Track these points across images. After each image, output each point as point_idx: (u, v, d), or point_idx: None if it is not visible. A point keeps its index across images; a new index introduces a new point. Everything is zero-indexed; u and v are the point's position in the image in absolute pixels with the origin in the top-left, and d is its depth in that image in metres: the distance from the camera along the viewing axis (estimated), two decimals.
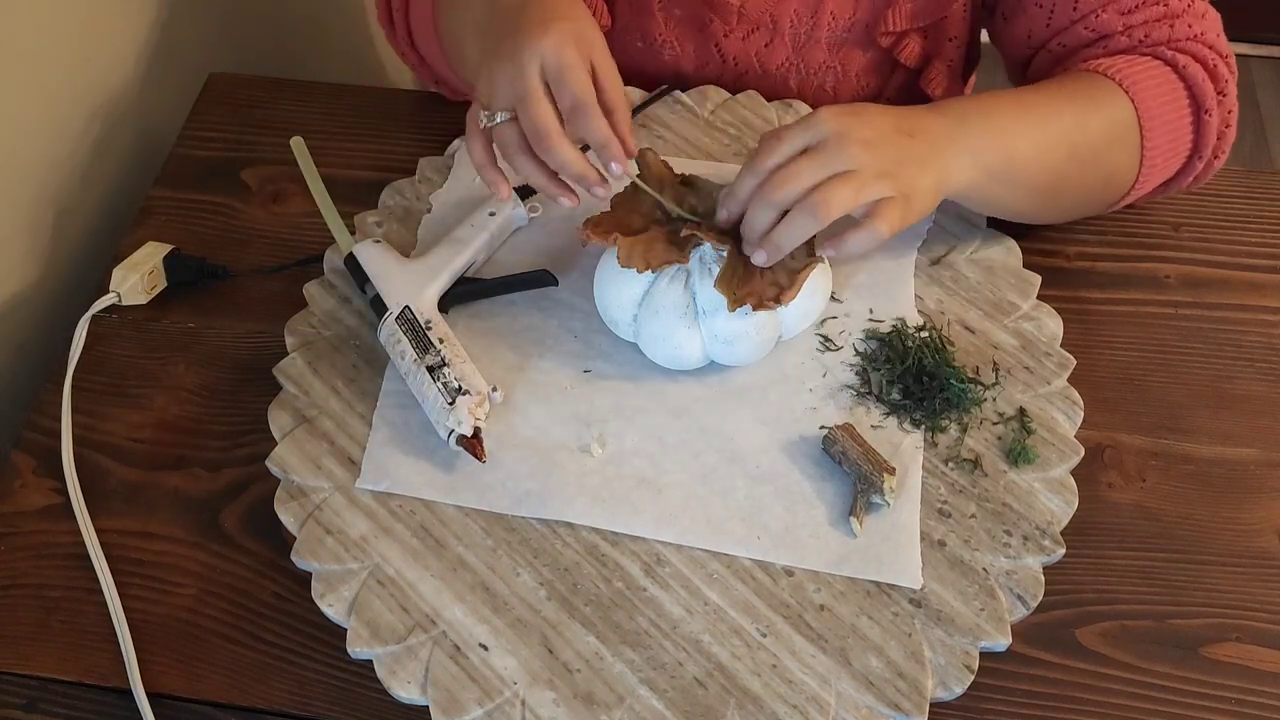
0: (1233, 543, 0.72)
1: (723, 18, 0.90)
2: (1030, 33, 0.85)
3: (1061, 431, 0.74)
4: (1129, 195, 0.81)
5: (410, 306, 0.76)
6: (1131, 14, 0.80)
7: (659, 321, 0.74)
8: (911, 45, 0.88)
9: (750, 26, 0.90)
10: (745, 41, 0.91)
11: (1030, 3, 0.83)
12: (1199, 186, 0.84)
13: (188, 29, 1.09)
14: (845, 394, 0.76)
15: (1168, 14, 0.80)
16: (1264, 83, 2.07)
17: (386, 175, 0.90)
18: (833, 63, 0.91)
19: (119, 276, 0.83)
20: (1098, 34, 0.81)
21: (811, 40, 0.90)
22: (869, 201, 0.69)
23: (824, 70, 0.91)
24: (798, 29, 0.89)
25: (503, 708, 0.65)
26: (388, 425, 0.75)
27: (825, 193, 0.68)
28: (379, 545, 0.70)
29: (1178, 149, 0.80)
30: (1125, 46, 0.80)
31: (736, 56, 0.92)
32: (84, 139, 0.96)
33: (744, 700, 0.65)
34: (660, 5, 0.91)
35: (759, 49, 0.91)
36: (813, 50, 0.90)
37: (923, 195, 0.71)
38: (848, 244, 0.70)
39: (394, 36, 0.91)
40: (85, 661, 0.70)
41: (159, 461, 0.77)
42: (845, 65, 0.91)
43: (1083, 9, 0.81)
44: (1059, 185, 0.78)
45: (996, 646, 0.67)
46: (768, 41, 0.91)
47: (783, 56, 0.91)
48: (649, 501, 0.71)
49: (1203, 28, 0.80)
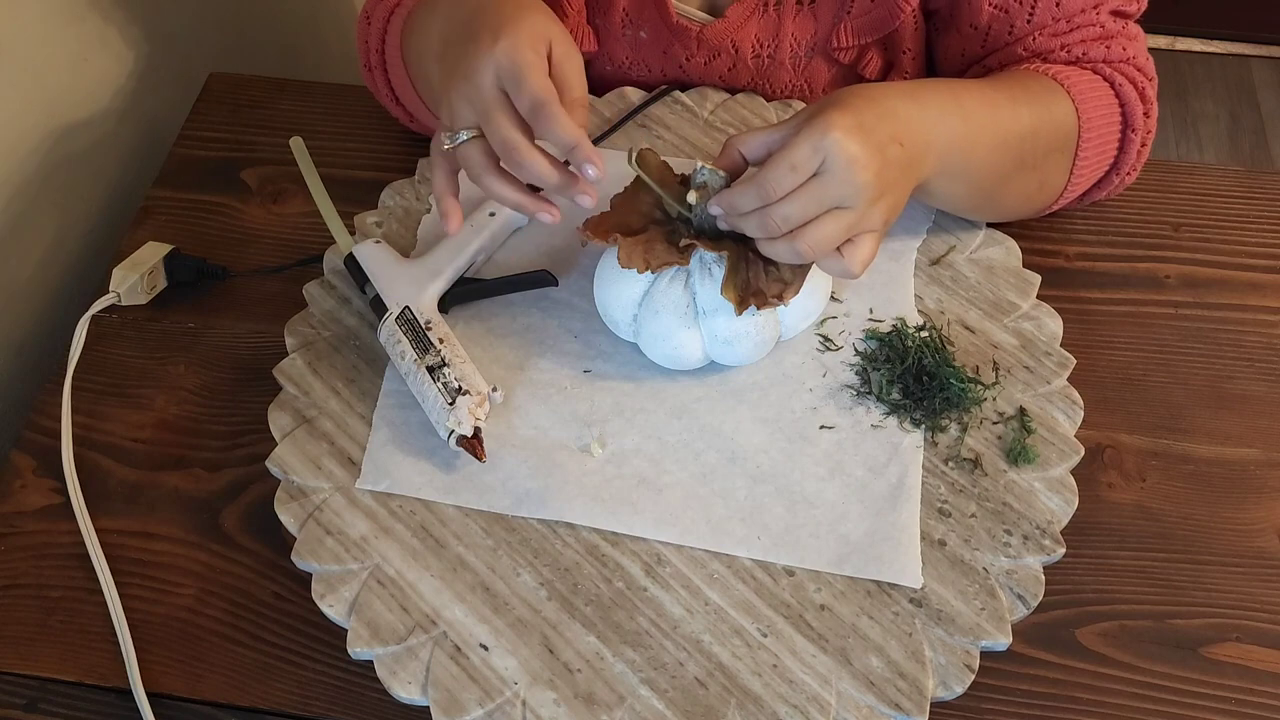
0: (1233, 543, 0.72)
1: (683, 44, 0.89)
2: (964, 51, 0.85)
3: (1061, 431, 0.74)
4: (1055, 203, 0.83)
5: (410, 307, 0.76)
6: (1069, 35, 0.81)
7: (659, 321, 0.74)
8: (872, 59, 0.88)
9: (711, 52, 0.89)
10: (708, 67, 0.90)
11: (964, 24, 0.83)
12: (1102, 200, 0.85)
13: (188, 29, 1.09)
14: (845, 394, 0.76)
15: (1103, 35, 0.81)
16: (1264, 83, 2.07)
17: (386, 175, 0.90)
18: (798, 81, 0.91)
19: (119, 276, 0.83)
20: (1034, 53, 0.82)
21: (775, 63, 0.89)
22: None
23: (790, 90, 0.91)
24: (760, 53, 0.89)
25: (503, 708, 0.65)
26: (388, 425, 0.75)
27: (817, 234, 0.67)
28: (379, 545, 0.70)
29: (1102, 162, 0.81)
30: (1064, 61, 0.81)
31: (701, 80, 0.92)
32: (84, 139, 0.96)
33: (745, 700, 0.65)
34: (625, 31, 0.91)
35: (723, 73, 0.91)
36: (777, 72, 0.90)
37: (901, 205, 0.71)
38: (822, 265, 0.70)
39: (379, 94, 0.89)
40: (85, 661, 0.70)
41: (159, 461, 0.77)
42: (811, 83, 0.91)
43: (1019, 32, 0.82)
44: (1001, 187, 0.79)
45: (997, 646, 0.67)
46: (730, 66, 0.90)
47: (746, 79, 0.91)
48: (649, 501, 0.71)
49: (1134, 50, 0.82)
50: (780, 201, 0.67)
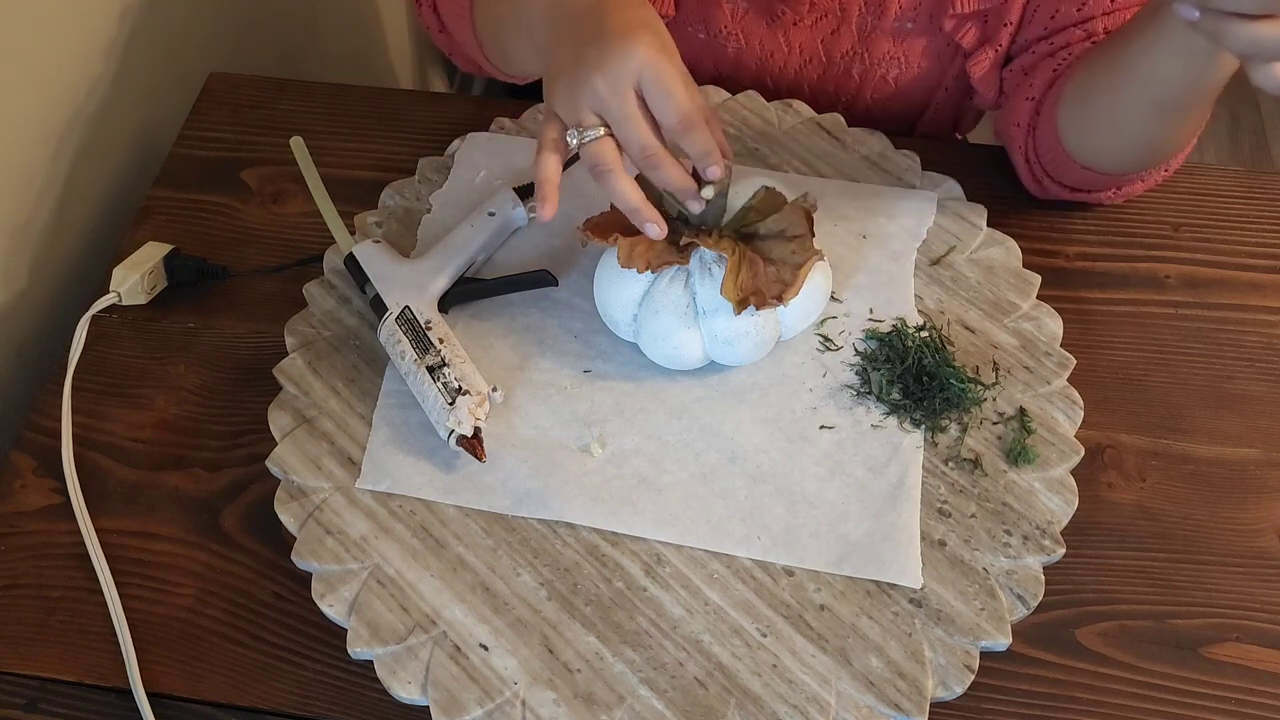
0: (1233, 543, 0.72)
1: (793, 7, 0.90)
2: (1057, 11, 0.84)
3: (1061, 431, 0.74)
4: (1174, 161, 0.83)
5: (410, 306, 0.76)
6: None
7: (659, 321, 0.74)
8: (971, 29, 0.88)
9: (819, 14, 0.90)
10: (813, 29, 0.91)
11: None
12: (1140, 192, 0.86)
13: (188, 29, 1.09)
14: (845, 394, 0.76)
15: None
16: None
17: (386, 175, 0.90)
18: (896, 52, 0.91)
19: (119, 276, 0.83)
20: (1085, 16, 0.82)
21: (878, 29, 0.90)
22: None
23: (888, 60, 0.91)
24: (865, 17, 0.89)
25: (503, 708, 0.65)
26: (388, 425, 0.75)
27: None
28: (379, 545, 0.70)
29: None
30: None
31: (803, 45, 0.92)
32: (84, 139, 0.96)
33: (744, 700, 0.65)
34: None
35: (825, 36, 0.91)
36: (878, 39, 0.90)
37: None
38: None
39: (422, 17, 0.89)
40: (85, 661, 0.70)
41: (159, 461, 0.77)
42: (908, 55, 0.91)
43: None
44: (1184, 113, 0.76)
45: (997, 646, 0.67)
46: (834, 29, 0.91)
47: (848, 45, 0.91)
48: (649, 501, 0.71)
49: None
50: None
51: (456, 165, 0.89)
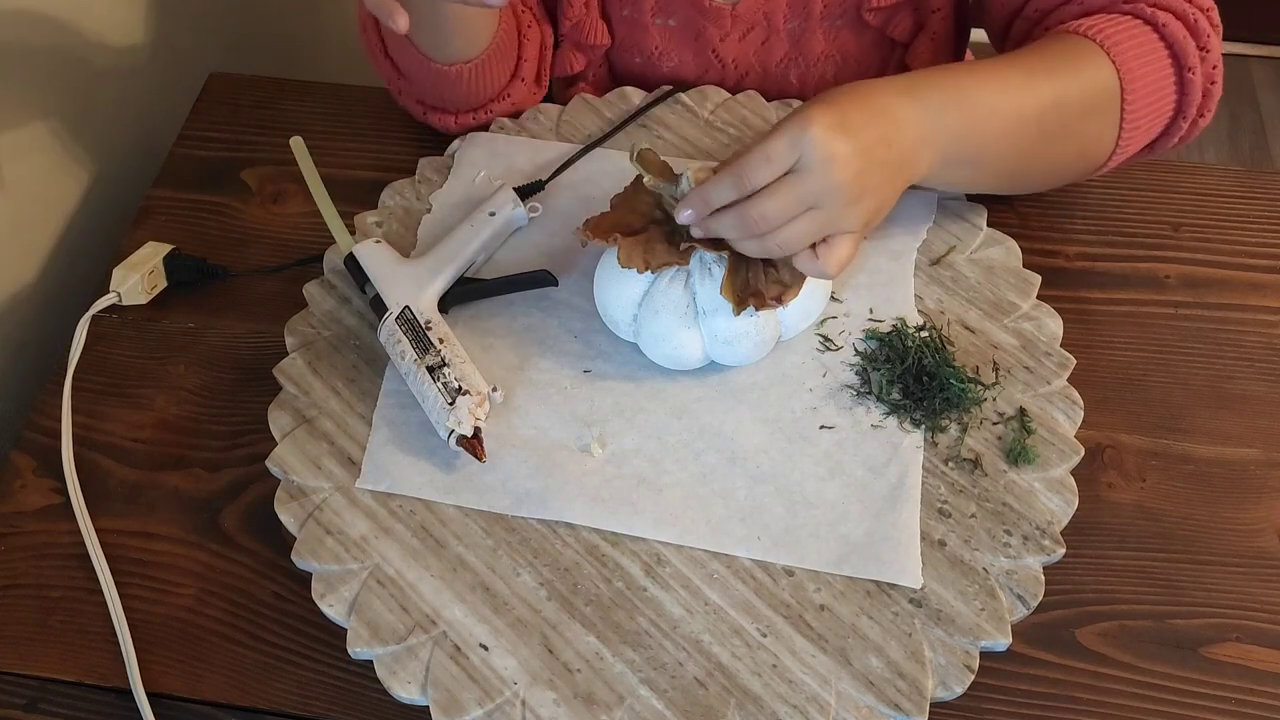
0: (1233, 543, 0.72)
1: (716, 23, 0.90)
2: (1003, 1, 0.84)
3: (1061, 431, 0.74)
4: (1110, 161, 0.80)
5: (410, 306, 0.76)
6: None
7: (659, 321, 0.74)
8: (901, 20, 0.87)
9: (745, 27, 0.90)
10: (742, 43, 0.91)
11: None
12: (1182, 147, 0.83)
13: (188, 29, 1.09)
14: (845, 394, 0.76)
15: None
16: (1264, 83, 2.07)
17: (386, 175, 0.89)
18: (831, 51, 0.91)
19: (119, 276, 0.83)
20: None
21: (806, 31, 0.89)
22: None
23: (824, 60, 0.91)
24: (792, 22, 0.89)
25: (503, 708, 0.65)
26: (388, 425, 0.75)
27: (789, 234, 0.68)
28: (379, 545, 0.70)
29: (1160, 110, 0.78)
30: (1102, 4, 0.79)
31: (735, 59, 0.92)
32: (84, 139, 0.96)
33: (744, 700, 0.65)
34: (654, 19, 0.91)
35: (756, 48, 0.91)
36: (809, 41, 0.90)
37: (887, 207, 0.71)
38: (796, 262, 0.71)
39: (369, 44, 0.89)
40: (85, 661, 0.70)
41: (159, 461, 0.77)
42: (843, 52, 0.91)
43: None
44: (1026, 166, 0.78)
45: (997, 646, 0.67)
46: (764, 39, 0.90)
47: (781, 52, 0.91)
48: (649, 501, 0.71)
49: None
50: (758, 196, 0.67)
51: (456, 165, 0.89)
